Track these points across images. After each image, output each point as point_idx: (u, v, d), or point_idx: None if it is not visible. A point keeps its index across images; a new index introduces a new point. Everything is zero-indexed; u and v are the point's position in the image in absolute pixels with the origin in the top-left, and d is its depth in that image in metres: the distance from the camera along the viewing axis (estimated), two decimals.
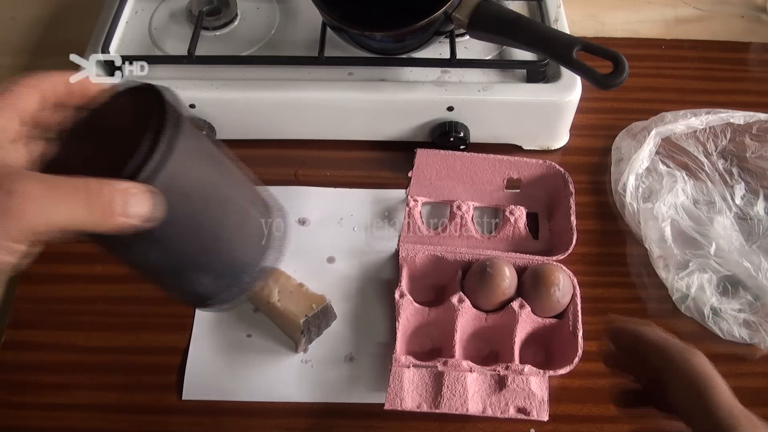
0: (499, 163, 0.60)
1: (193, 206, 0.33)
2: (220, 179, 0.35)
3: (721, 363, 0.52)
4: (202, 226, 0.34)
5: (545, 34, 0.53)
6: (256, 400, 0.51)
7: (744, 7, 0.79)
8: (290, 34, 0.65)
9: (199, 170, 0.33)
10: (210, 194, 0.34)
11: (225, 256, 0.36)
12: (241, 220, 0.36)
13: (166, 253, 0.34)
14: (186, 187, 0.32)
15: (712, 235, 0.56)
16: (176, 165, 0.31)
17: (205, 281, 0.36)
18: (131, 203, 0.29)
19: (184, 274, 0.35)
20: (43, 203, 0.28)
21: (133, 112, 0.33)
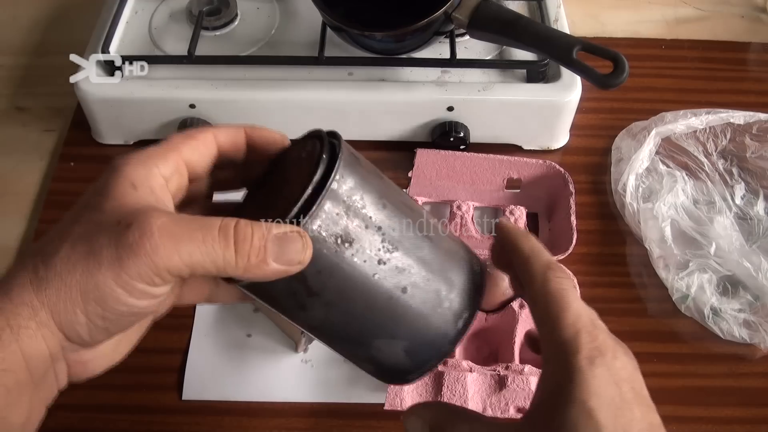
0: (499, 163, 0.60)
1: (360, 255, 0.30)
2: (398, 227, 0.31)
3: (721, 363, 0.53)
4: (368, 278, 0.30)
5: (545, 34, 0.53)
6: (256, 400, 0.51)
7: (744, 7, 0.79)
8: (290, 34, 0.65)
9: (368, 219, 0.30)
10: (376, 242, 0.30)
11: (411, 319, 0.32)
12: (435, 276, 0.32)
13: (330, 309, 0.31)
14: (350, 234, 0.29)
15: (712, 235, 0.56)
16: (338, 210, 0.29)
17: (395, 349, 0.32)
18: (277, 247, 0.28)
19: (366, 340, 0.32)
20: (176, 242, 0.27)
21: (303, 160, 0.32)
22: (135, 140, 0.65)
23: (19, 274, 0.27)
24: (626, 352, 0.31)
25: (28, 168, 0.65)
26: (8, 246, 0.59)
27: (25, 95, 0.71)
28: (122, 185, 0.28)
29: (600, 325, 0.32)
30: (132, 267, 0.26)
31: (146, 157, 0.30)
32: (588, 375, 0.29)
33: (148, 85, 0.60)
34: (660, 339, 0.54)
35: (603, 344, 0.30)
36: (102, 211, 0.28)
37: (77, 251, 0.27)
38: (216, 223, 0.27)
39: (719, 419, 0.50)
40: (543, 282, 0.32)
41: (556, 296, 0.32)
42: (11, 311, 0.27)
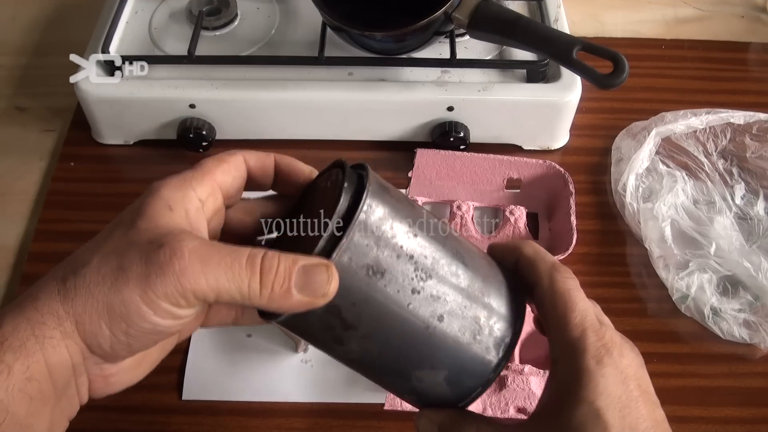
0: (499, 163, 0.60)
1: (393, 285, 0.29)
2: (430, 254, 0.30)
3: (721, 363, 0.53)
4: (401, 307, 0.30)
5: (545, 34, 0.53)
6: (256, 400, 0.51)
7: (744, 7, 0.79)
8: (290, 34, 0.65)
9: (399, 248, 0.29)
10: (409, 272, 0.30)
11: (450, 348, 0.31)
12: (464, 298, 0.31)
13: (366, 342, 0.30)
14: (382, 265, 0.29)
15: (712, 235, 0.56)
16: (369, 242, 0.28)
17: (437, 380, 0.31)
18: (302, 279, 0.28)
19: (406, 371, 0.31)
20: (205, 265, 0.27)
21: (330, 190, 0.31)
22: (135, 140, 0.65)
23: (47, 283, 0.28)
24: (632, 348, 0.32)
25: (28, 168, 0.65)
26: (8, 246, 0.59)
27: (25, 95, 0.71)
28: (158, 206, 0.29)
29: (606, 321, 0.33)
30: (159, 286, 0.27)
31: (183, 180, 0.31)
32: (596, 375, 0.29)
33: (148, 85, 0.60)
34: (660, 339, 0.54)
35: (610, 342, 0.31)
36: (136, 229, 0.28)
37: (107, 265, 0.27)
38: (245, 252, 0.28)
39: (719, 419, 0.50)
40: (549, 282, 0.33)
41: (562, 296, 0.32)
42: (37, 320, 0.27)
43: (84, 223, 0.59)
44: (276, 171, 0.35)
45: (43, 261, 0.58)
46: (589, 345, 0.30)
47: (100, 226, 0.34)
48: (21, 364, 0.26)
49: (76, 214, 0.61)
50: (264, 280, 0.28)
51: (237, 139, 0.64)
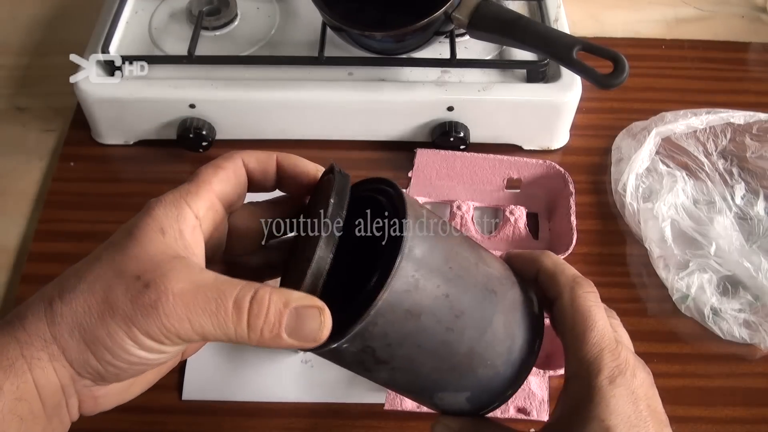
0: (499, 163, 0.60)
1: (429, 326, 0.29)
2: (465, 290, 0.30)
3: (721, 363, 0.53)
4: (436, 343, 0.30)
5: (545, 34, 0.53)
6: (256, 400, 0.51)
7: (744, 7, 0.79)
8: (290, 34, 0.65)
9: (436, 288, 0.29)
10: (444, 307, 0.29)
11: (477, 373, 0.31)
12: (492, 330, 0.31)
13: (396, 373, 0.30)
14: (419, 307, 0.28)
15: (712, 235, 0.56)
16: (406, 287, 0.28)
17: (458, 399, 0.32)
18: (294, 322, 0.27)
19: (430, 393, 0.32)
20: (190, 311, 0.27)
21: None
22: (135, 140, 0.65)
23: (35, 304, 0.28)
24: (644, 368, 0.33)
25: (28, 168, 0.65)
26: (8, 246, 0.59)
27: (25, 95, 0.71)
28: (150, 229, 0.28)
29: (623, 338, 0.34)
30: (144, 326, 0.26)
31: (179, 197, 0.30)
32: (608, 395, 0.30)
33: (148, 85, 0.60)
34: (660, 339, 0.54)
35: (624, 363, 0.31)
36: (126, 254, 0.28)
37: (93, 295, 0.27)
38: (231, 293, 0.27)
39: (719, 419, 0.50)
40: (570, 299, 0.33)
41: (582, 314, 0.32)
42: (25, 341, 0.27)
43: (84, 223, 0.59)
44: (279, 171, 0.34)
45: (43, 261, 0.58)
46: (605, 366, 0.31)
47: (100, 226, 0.34)
48: (11, 384, 0.26)
49: (76, 214, 0.60)
50: (252, 324, 0.27)
51: (237, 139, 0.64)
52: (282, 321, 0.27)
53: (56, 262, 0.58)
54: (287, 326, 0.27)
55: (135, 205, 0.31)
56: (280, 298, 0.27)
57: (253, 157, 0.33)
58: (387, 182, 0.31)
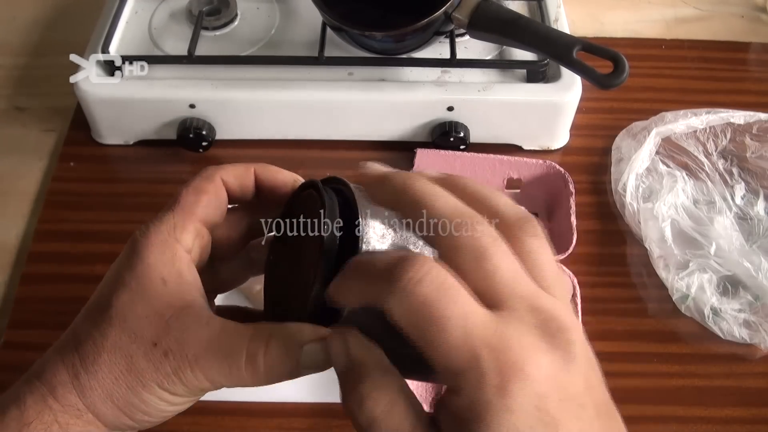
0: (499, 163, 0.60)
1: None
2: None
3: (721, 363, 0.53)
4: None
5: (545, 34, 0.53)
6: (256, 400, 0.51)
7: (744, 7, 0.79)
8: (290, 34, 0.65)
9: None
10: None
11: None
12: None
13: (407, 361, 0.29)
14: None
15: (712, 235, 0.56)
16: None
17: None
18: (308, 360, 0.28)
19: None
20: (207, 371, 0.28)
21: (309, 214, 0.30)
22: (135, 140, 0.65)
23: (59, 373, 0.29)
24: (553, 341, 0.23)
25: (28, 168, 0.65)
26: (8, 246, 0.59)
27: (25, 95, 0.71)
28: (152, 282, 0.29)
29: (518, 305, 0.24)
30: (170, 389, 0.28)
31: (167, 235, 0.30)
32: (499, 411, 0.22)
33: (148, 85, 0.60)
34: (660, 339, 0.54)
35: (515, 355, 0.22)
36: (136, 316, 0.28)
37: (117, 366, 0.28)
38: (241, 350, 0.28)
39: (719, 419, 0.50)
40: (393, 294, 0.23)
41: (419, 312, 0.23)
42: (59, 410, 0.28)
43: (84, 223, 0.59)
44: (257, 183, 0.33)
45: (43, 261, 0.58)
46: (486, 372, 0.22)
47: (100, 226, 0.34)
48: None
49: (76, 214, 0.60)
50: (270, 374, 0.28)
51: (237, 139, 0.64)
52: (298, 361, 0.28)
53: (56, 262, 0.58)
54: (303, 364, 0.29)
55: (135, 205, 0.31)
56: (291, 342, 0.28)
57: (231, 173, 0.32)
58: (335, 179, 0.31)
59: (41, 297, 0.56)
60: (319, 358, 0.28)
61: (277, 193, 0.34)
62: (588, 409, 0.23)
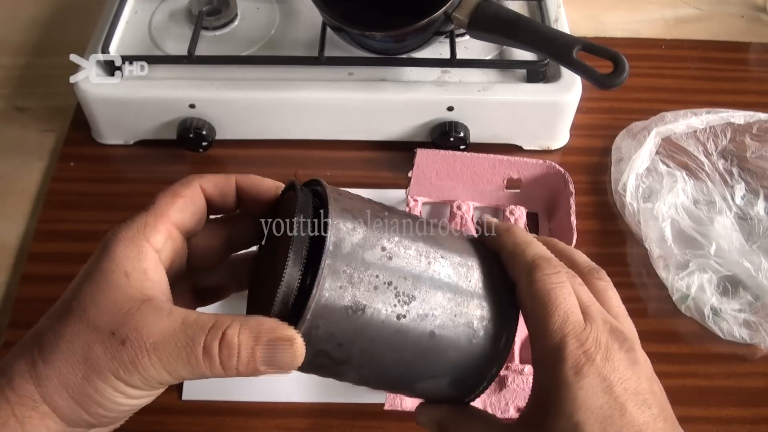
0: (499, 163, 0.60)
1: (366, 319, 0.28)
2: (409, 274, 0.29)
3: (721, 363, 0.53)
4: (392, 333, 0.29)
5: (545, 34, 0.53)
6: (256, 400, 0.51)
7: (744, 7, 0.79)
8: (290, 34, 0.65)
9: (375, 278, 0.28)
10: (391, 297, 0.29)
11: (448, 355, 0.30)
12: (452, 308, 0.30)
13: (364, 371, 0.30)
14: (360, 301, 0.28)
15: (713, 235, 0.56)
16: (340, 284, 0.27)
17: (440, 385, 0.31)
18: (267, 355, 0.28)
19: (408, 384, 0.31)
20: (165, 362, 0.28)
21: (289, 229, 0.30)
22: (135, 140, 0.65)
23: (19, 363, 0.28)
24: (621, 345, 0.30)
25: (28, 168, 0.65)
26: (8, 246, 0.59)
27: (25, 95, 0.71)
28: (115, 275, 0.29)
29: (595, 314, 0.31)
30: (127, 379, 0.28)
31: (136, 232, 0.30)
32: (574, 387, 0.28)
33: (148, 85, 0.60)
34: (660, 339, 0.54)
35: (593, 346, 0.29)
36: (96, 306, 0.28)
37: (74, 355, 0.28)
38: (200, 339, 0.28)
39: (719, 419, 0.50)
40: (528, 283, 0.31)
41: (542, 298, 0.30)
42: (15, 401, 0.28)
43: (84, 223, 0.59)
44: (239, 192, 0.33)
45: (43, 261, 0.58)
46: (569, 354, 0.29)
47: (100, 226, 0.34)
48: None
49: (76, 214, 0.60)
50: (226, 365, 0.28)
51: (237, 139, 0.64)
52: (255, 356, 0.28)
53: (56, 262, 0.58)
54: (262, 359, 0.28)
55: (135, 205, 0.31)
56: (250, 334, 0.28)
57: (211, 182, 0.33)
58: (316, 181, 0.31)
59: (41, 297, 0.56)
60: (282, 357, 0.28)
61: (260, 202, 0.33)
62: (653, 408, 0.29)
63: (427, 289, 0.30)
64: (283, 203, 0.32)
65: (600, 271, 0.35)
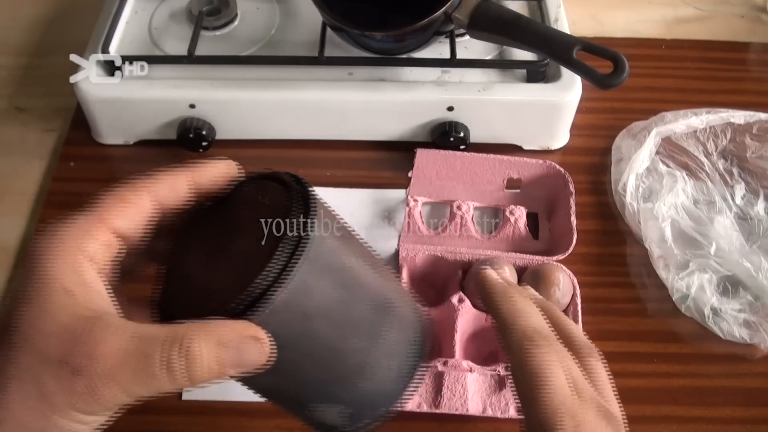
0: (499, 163, 0.60)
1: (313, 329, 0.28)
2: (358, 294, 0.29)
3: (721, 363, 0.53)
4: (326, 350, 0.29)
5: (545, 34, 0.53)
6: (256, 400, 0.50)
7: (744, 7, 0.79)
8: (290, 34, 0.65)
9: (330, 285, 0.28)
10: (340, 313, 0.29)
11: (357, 386, 0.31)
12: (384, 343, 0.30)
13: (279, 378, 0.29)
14: (309, 307, 0.27)
15: (712, 235, 0.56)
16: (301, 284, 0.26)
17: (331, 412, 0.31)
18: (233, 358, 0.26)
19: (305, 403, 0.31)
20: (122, 386, 0.26)
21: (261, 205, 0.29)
22: (135, 140, 0.65)
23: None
24: (609, 423, 0.31)
25: (28, 168, 0.65)
26: (8, 246, 0.59)
27: (25, 95, 0.71)
28: (55, 294, 0.26)
29: (586, 395, 0.32)
30: (86, 409, 0.26)
31: (70, 240, 0.27)
32: None
33: (148, 85, 0.60)
34: (660, 339, 0.54)
35: (582, 424, 0.30)
36: (40, 332, 0.26)
37: (28, 394, 0.26)
38: (155, 356, 0.25)
39: (719, 419, 0.50)
40: (521, 357, 0.32)
41: (534, 374, 0.31)
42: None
43: None
44: (195, 186, 0.31)
45: None
46: (561, 430, 0.30)
47: None
48: None
49: None
50: (191, 376, 0.26)
51: (237, 139, 0.64)
52: (223, 362, 0.26)
53: None
54: (230, 365, 0.26)
55: None
56: (210, 341, 0.26)
57: (164, 186, 0.30)
58: (296, 178, 0.30)
59: None
60: (250, 357, 0.26)
61: (218, 187, 0.32)
62: None
63: (370, 317, 0.30)
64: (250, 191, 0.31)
65: (593, 349, 0.36)
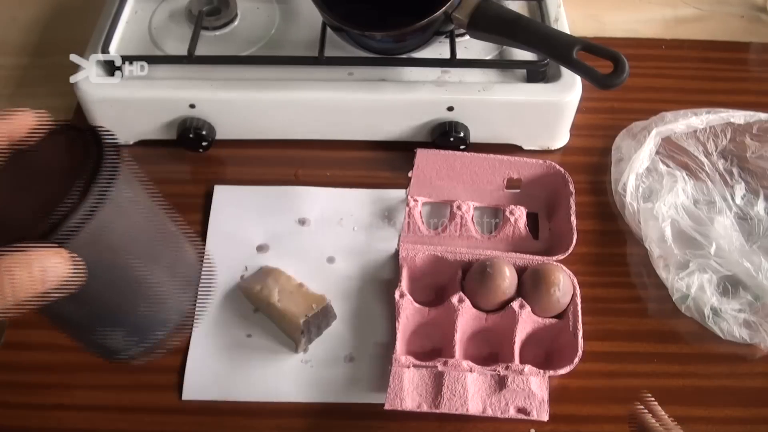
0: (499, 163, 0.60)
1: (116, 261, 0.31)
2: (150, 234, 0.33)
3: (721, 363, 0.53)
4: (123, 281, 0.32)
5: (545, 34, 0.53)
6: (256, 400, 0.51)
7: (744, 7, 0.79)
8: (290, 34, 0.65)
9: (128, 224, 0.31)
10: (136, 249, 0.32)
11: (142, 312, 0.34)
12: (164, 276, 0.34)
13: (80, 306, 0.31)
14: (112, 242, 0.30)
15: (713, 235, 0.56)
16: (104, 219, 0.29)
17: (116, 336, 0.34)
18: (42, 273, 0.26)
19: (96, 328, 0.33)
20: None
21: (68, 153, 0.31)
22: (135, 140, 0.65)
23: None
24: None
25: None
26: None
27: (25, 95, 0.71)
28: None
29: None
30: None
31: None
32: None
33: (148, 85, 0.60)
34: (660, 339, 0.54)
35: None
36: None
37: None
38: None
39: (719, 419, 0.50)
40: None
41: None
42: None
43: None
44: (9, 138, 0.31)
45: None
46: None
47: None
48: None
49: None
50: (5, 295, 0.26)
51: (237, 139, 0.64)
52: (41, 279, 0.26)
53: None
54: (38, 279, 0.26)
55: None
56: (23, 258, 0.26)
57: None
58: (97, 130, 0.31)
59: None
60: (56, 270, 0.26)
61: (27, 137, 0.32)
62: None
63: (156, 248, 0.33)
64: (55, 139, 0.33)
65: None
